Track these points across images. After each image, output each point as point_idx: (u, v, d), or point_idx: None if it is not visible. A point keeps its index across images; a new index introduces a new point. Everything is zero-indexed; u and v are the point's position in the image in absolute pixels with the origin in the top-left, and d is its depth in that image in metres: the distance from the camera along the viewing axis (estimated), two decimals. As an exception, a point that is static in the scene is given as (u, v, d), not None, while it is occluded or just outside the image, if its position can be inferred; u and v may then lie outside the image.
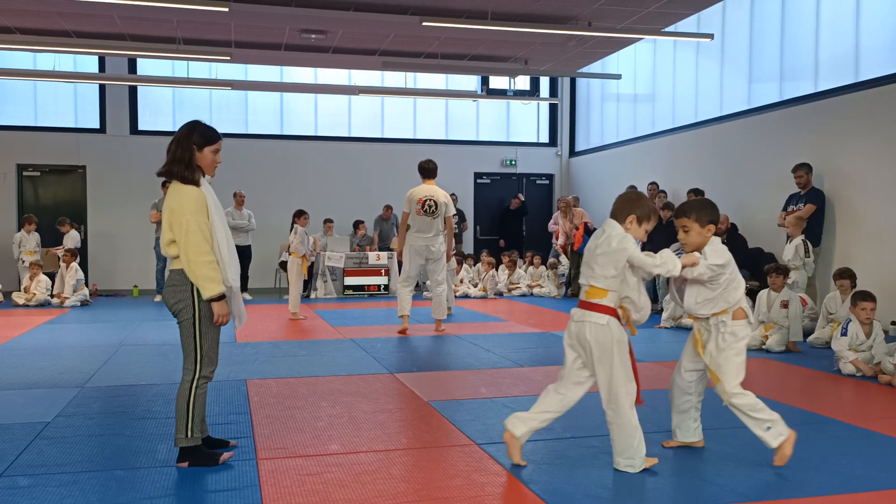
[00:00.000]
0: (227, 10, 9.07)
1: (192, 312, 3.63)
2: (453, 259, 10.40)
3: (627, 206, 3.64)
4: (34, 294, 11.34)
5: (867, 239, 8.53)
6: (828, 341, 6.90)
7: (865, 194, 8.58)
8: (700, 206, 3.81)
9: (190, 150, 3.67)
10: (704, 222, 3.75)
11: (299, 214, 10.03)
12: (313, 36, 11.23)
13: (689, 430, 3.97)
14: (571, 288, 12.90)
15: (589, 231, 12.84)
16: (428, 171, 8.38)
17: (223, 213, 3.79)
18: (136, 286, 13.43)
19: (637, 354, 6.56)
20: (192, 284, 3.60)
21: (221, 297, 3.62)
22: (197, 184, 3.66)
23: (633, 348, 3.69)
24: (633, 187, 11.83)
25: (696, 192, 10.38)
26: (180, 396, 3.67)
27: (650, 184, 12.00)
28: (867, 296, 6.12)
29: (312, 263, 12.96)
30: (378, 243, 13.89)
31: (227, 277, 3.67)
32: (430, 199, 8.14)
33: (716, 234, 3.83)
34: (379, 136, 15.14)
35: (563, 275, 12.99)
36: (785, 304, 7.21)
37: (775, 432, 3.64)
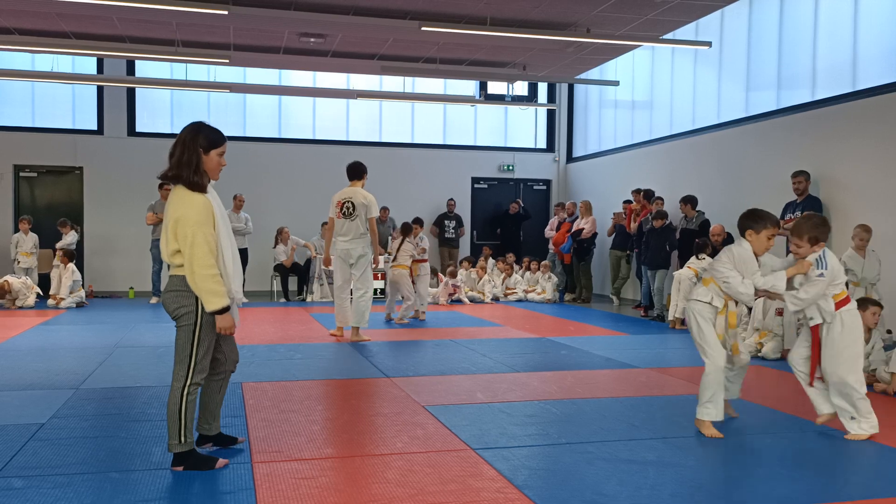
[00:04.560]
0: (226, 12, 9.07)
1: (194, 319, 3.58)
2: (427, 265, 10.55)
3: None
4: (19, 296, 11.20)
5: (863, 247, 8.53)
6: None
7: (861, 203, 8.60)
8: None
9: (197, 154, 3.56)
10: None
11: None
12: (312, 39, 11.23)
13: None
14: (575, 293, 12.92)
15: (573, 233, 12.84)
16: (351, 172, 8.19)
17: (228, 222, 3.72)
18: (132, 288, 13.40)
19: (636, 360, 6.58)
20: None
21: (226, 310, 3.58)
22: (205, 190, 3.57)
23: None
24: (637, 192, 11.82)
25: (688, 199, 10.42)
26: (171, 403, 3.61)
27: (635, 191, 11.93)
28: (874, 301, 6.12)
29: (308, 266, 12.96)
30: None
31: (232, 289, 3.63)
32: (349, 201, 7.98)
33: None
34: (377, 140, 15.15)
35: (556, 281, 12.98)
36: (780, 312, 7.21)
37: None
